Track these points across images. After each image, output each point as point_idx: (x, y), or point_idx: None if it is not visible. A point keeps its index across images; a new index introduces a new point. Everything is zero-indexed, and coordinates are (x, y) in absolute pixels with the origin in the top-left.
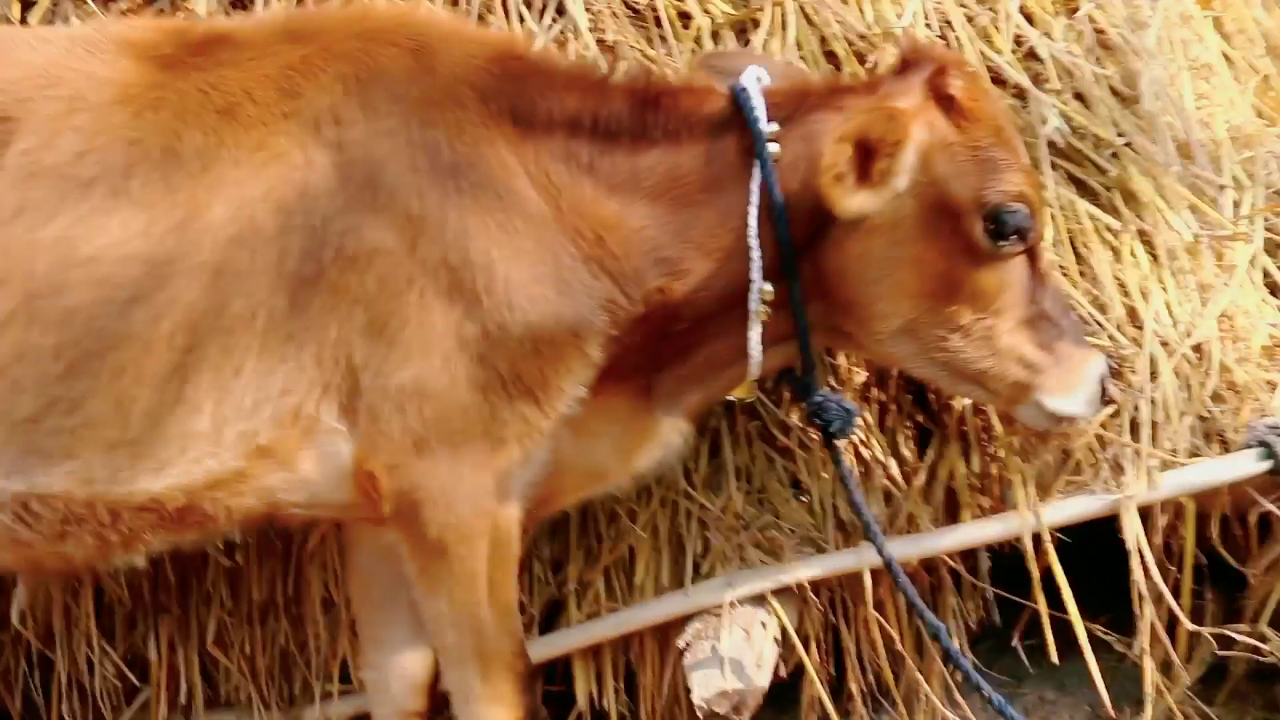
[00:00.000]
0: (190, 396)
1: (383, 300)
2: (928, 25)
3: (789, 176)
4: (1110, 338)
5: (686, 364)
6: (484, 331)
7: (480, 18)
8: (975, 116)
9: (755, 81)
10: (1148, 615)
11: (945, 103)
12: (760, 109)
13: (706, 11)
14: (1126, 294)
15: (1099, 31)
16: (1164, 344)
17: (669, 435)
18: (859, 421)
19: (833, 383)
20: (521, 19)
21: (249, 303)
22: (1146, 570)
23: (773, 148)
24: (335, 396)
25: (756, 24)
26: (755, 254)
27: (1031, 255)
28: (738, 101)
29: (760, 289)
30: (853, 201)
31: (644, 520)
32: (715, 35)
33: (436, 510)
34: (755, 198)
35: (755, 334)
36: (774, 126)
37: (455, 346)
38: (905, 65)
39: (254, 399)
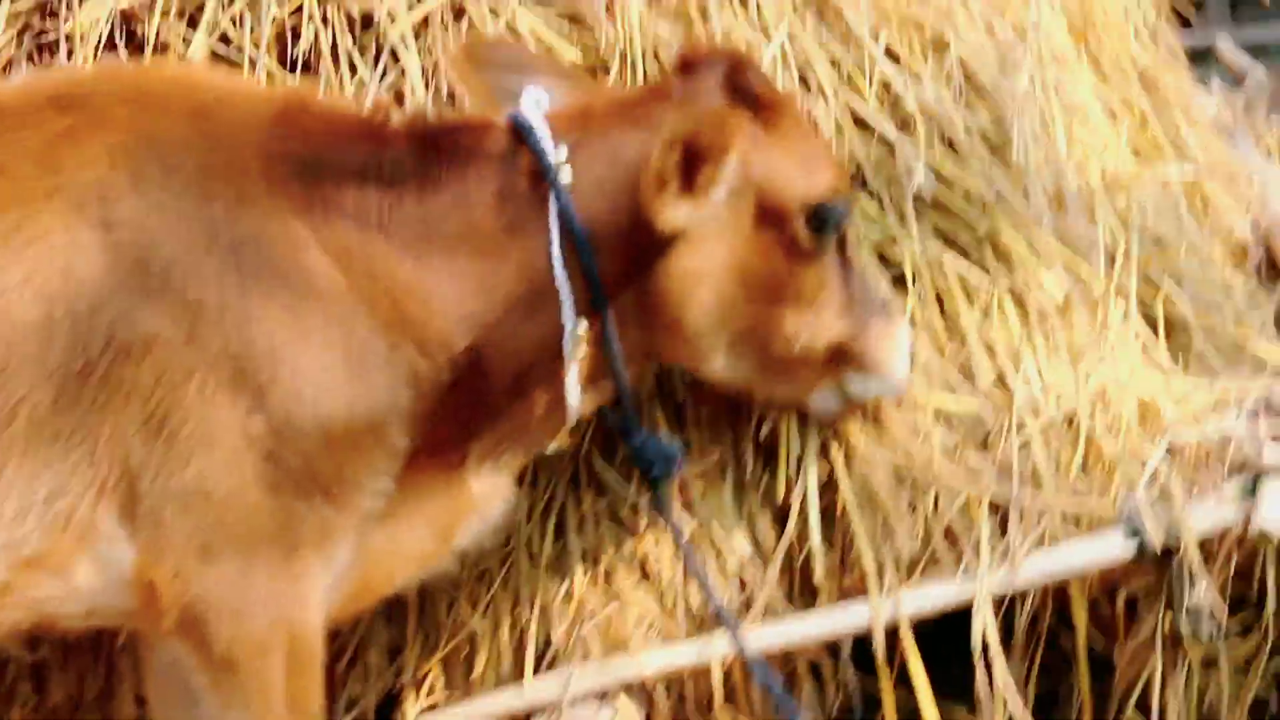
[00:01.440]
0: None
1: (160, 394)
2: (787, 68)
3: (591, 202)
4: (978, 405)
5: (503, 423)
6: (271, 426)
7: (307, 65)
8: (779, 113)
9: (535, 106)
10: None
11: (749, 102)
12: (545, 136)
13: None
14: (995, 358)
15: (969, 75)
16: (1034, 413)
17: (490, 503)
18: (679, 464)
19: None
20: (353, 68)
21: (7, 401)
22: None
23: (565, 175)
24: (113, 500)
25: (608, 70)
26: (565, 292)
27: (840, 242)
28: (520, 131)
29: (574, 330)
30: (675, 213)
31: (484, 606)
32: None
33: (224, 622)
34: (556, 231)
35: (573, 378)
36: (563, 153)
37: (241, 443)
38: (687, 66)
39: (17, 506)
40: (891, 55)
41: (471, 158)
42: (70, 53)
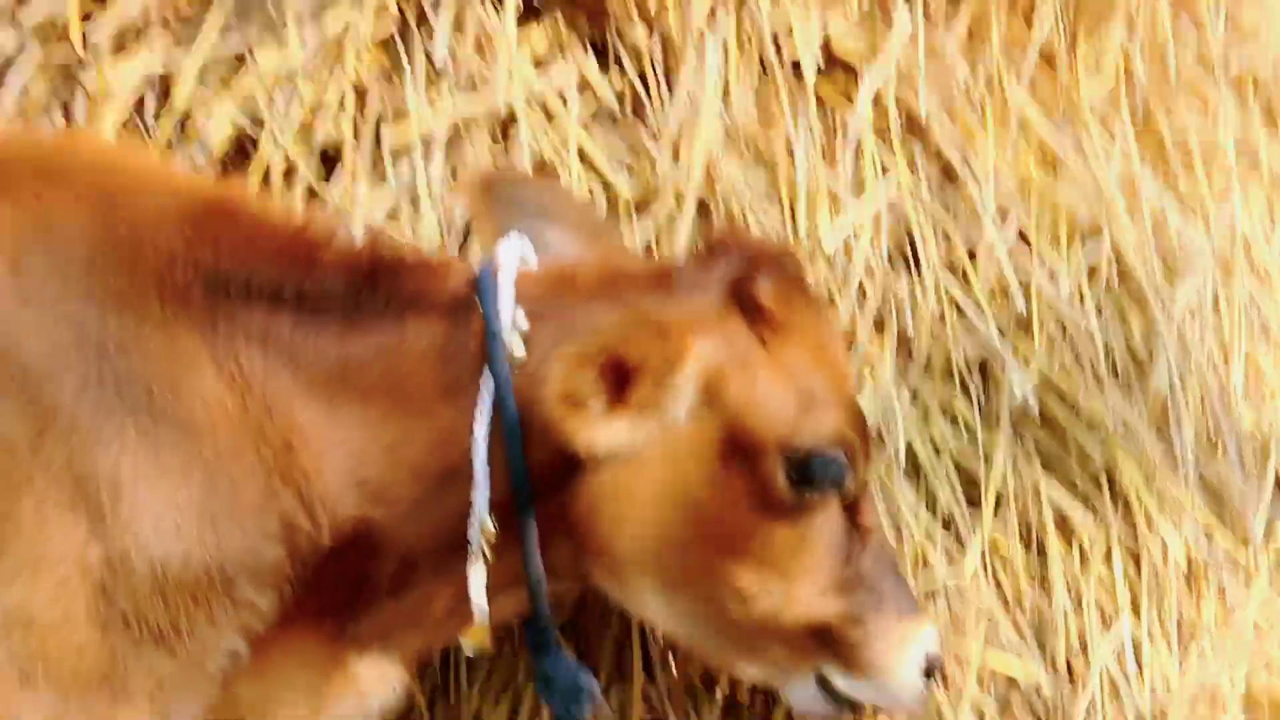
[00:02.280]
0: None
1: None
2: (877, 238)
3: (539, 384)
4: (1050, 669)
5: (391, 610)
6: (107, 559)
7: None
8: (788, 330)
9: (513, 260)
10: None
11: (751, 310)
12: (504, 298)
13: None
14: (1082, 618)
15: (1124, 276)
16: (1116, 698)
17: (374, 686)
18: (591, 703)
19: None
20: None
21: None
22: None
23: (518, 349)
24: None
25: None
26: (481, 480)
27: (852, 507)
28: (479, 287)
29: (481, 527)
30: (601, 434)
31: None
32: None
33: None
34: (487, 409)
35: (478, 576)
36: (523, 322)
37: (75, 571)
38: (710, 251)
39: None
40: (1024, 238)
41: (415, 304)
42: (89, 112)
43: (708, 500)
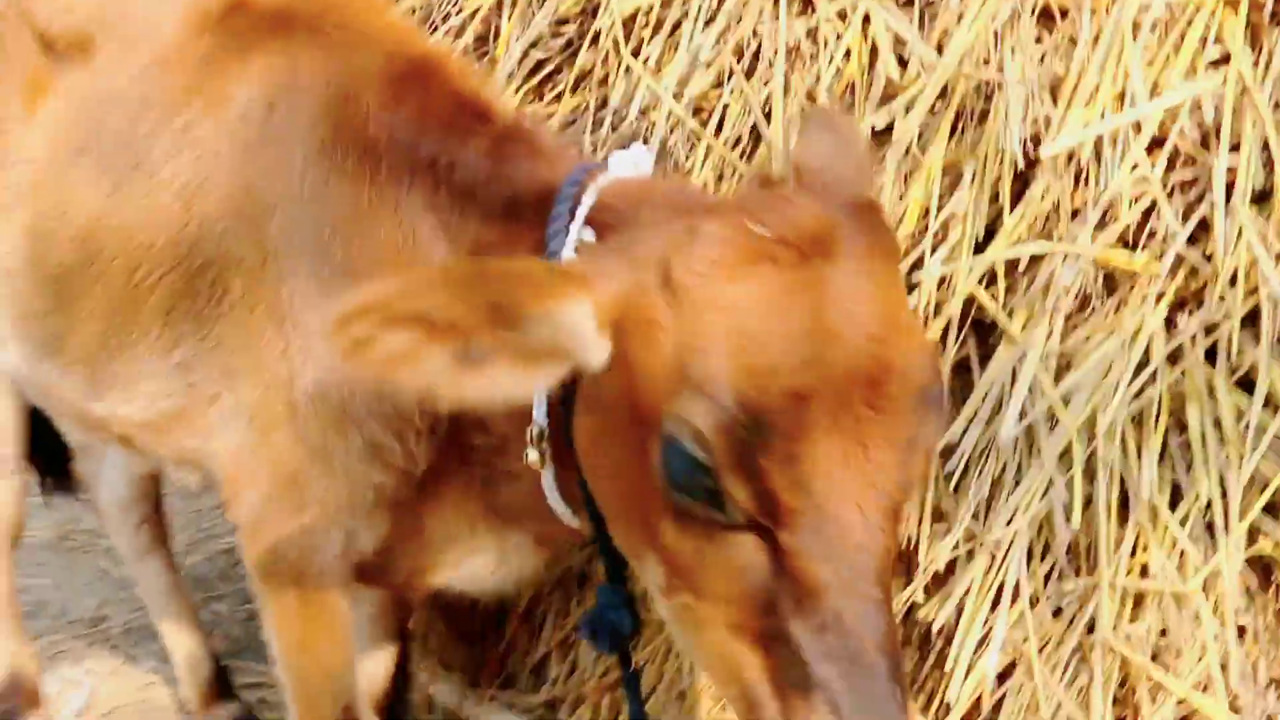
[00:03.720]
0: (113, 346)
1: (241, 311)
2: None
3: None
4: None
5: (511, 491)
6: (290, 377)
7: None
8: (694, 303)
9: (619, 167)
10: None
11: (661, 275)
12: (580, 211)
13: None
14: None
15: None
16: None
17: (519, 553)
18: (618, 641)
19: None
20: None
21: (152, 272)
22: None
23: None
24: (232, 385)
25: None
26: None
27: (773, 544)
28: (558, 194)
29: (535, 424)
30: (465, 385)
31: None
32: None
33: (246, 539)
34: None
35: (548, 476)
36: (587, 234)
37: (276, 381)
38: (753, 187)
39: (156, 366)
40: None
41: (529, 194)
42: None
43: (624, 460)
